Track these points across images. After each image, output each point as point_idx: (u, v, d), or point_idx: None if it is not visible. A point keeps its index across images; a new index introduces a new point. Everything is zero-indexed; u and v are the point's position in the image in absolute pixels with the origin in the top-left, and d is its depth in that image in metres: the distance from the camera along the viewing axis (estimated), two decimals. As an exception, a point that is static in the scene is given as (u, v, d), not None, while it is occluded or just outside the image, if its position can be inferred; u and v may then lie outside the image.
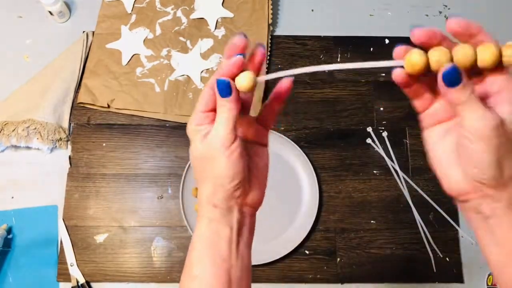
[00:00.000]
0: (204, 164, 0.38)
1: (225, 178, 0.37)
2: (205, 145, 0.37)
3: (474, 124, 0.33)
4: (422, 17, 0.95)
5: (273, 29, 0.94)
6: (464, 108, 0.33)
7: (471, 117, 0.33)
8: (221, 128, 0.37)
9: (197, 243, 0.40)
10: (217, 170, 0.37)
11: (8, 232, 0.80)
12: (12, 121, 0.83)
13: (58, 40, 0.91)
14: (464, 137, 0.33)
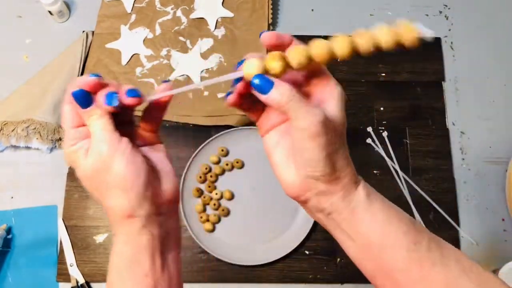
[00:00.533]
0: (100, 178, 0.35)
1: (130, 178, 0.35)
2: (91, 158, 0.35)
3: (300, 123, 0.33)
4: (422, 17, 0.95)
5: (273, 29, 0.93)
6: (289, 109, 0.33)
7: (297, 117, 0.33)
8: (100, 132, 0.35)
9: (116, 262, 0.37)
10: (117, 175, 0.34)
11: (7, 232, 0.80)
12: (12, 121, 0.83)
13: (58, 39, 0.91)
14: (295, 137, 0.34)
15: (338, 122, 0.35)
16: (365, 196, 0.36)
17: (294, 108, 0.33)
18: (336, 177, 0.35)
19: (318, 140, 0.33)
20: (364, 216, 0.35)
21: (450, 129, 0.87)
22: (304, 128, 0.33)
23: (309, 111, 0.33)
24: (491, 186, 0.83)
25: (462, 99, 0.89)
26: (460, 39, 0.93)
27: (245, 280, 0.78)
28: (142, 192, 0.35)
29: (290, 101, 0.33)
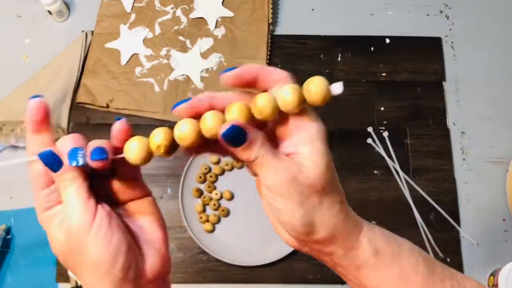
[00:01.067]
0: (73, 257, 0.29)
1: (105, 264, 0.29)
2: (62, 234, 0.29)
3: (271, 182, 0.29)
4: (423, 17, 0.95)
5: (273, 29, 0.93)
6: (257, 165, 0.29)
7: (266, 175, 0.29)
8: (70, 205, 0.29)
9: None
10: (91, 258, 0.29)
11: (7, 232, 0.79)
12: (11, 121, 0.83)
13: (57, 39, 0.91)
14: (265, 196, 0.30)
15: (315, 174, 0.29)
16: (371, 254, 0.31)
17: (263, 165, 0.29)
18: (325, 238, 0.31)
19: (291, 201, 0.29)
20: (372, 274, 0.31)
21: (451, 129, 0.87)
22: (275, 187, 0.29)
23: (278, 169, 0.29)
24: (491, 186, 0.83)
25: (463, 99, 0.89)
26: (461, 39, 0.93)
27: (245, 281, 0.77)
28: (122, 276, 0.29)
29: (259, 156, 0.29)
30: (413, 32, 0.93)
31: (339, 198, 0.31)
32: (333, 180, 0.31)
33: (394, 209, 0.82)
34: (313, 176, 0.29)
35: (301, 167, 0.29)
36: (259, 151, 0.29)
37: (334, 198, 0.31)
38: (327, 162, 0.30)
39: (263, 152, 0.29)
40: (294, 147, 0.30)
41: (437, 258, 0.79)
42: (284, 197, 0.29)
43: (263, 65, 0.31)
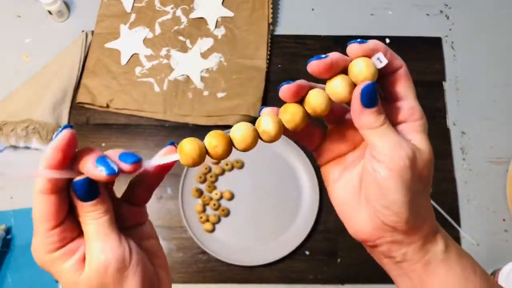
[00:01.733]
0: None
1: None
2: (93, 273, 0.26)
3: (388, 153, 0.28)
4: (423, 17, 0.95)
5: (273, 29, 0.93)
6: (378, 135, 0.29)
7: (385, 145, 0.28)
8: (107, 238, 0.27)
9: None
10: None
11: (7, 232, 0.79)
12: (11, 121, 0.83)
13: (57, 39, 0.91)
14: (374, 171, 0.29)
15: (425, 161, 0.29)
16: (443, 248, 0.31)
17: (384, 135, 0.29)
18: (417, 226, 0.30)
19: (405, 179, 0.28)
20: (439, 270, 0.31)
21: (451, 129, 0.87)
22: (392, 161, 0.28)
23: (399, 144, 0.28)
24: (492, 186, 0.83)
25: (463, 99, 0.89)
26: (461, 39, 0.93)
27: (245, 281, 0.77)
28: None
29: (382, 125, 0.29)
30: (413, 32, 0.93)
31: (430, 192, 0.31)
32: (431, 174, 0.31)
33: (394, 209, 0.82)
34: (427, 161, 0.29)
35: (418, 149, 0.29)
36: (384, 119, 0.29)
37: (429, 190, 0.31)
38: (432, 154, 0.30)
39: (387, 122, 0.29)
40: (407, 133, 0.30)
41: (437, 258, 0.79)
42: (397, 173, 0.28)
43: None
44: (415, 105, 0.31)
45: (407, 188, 0.28)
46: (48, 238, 0.26)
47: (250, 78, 0.88)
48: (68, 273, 0.27)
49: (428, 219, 0.31)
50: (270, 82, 0.88)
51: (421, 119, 0.31)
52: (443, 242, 0.31)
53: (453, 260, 0.31)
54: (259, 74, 0.88)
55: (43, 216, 0.26)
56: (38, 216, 0.26)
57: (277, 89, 0.32)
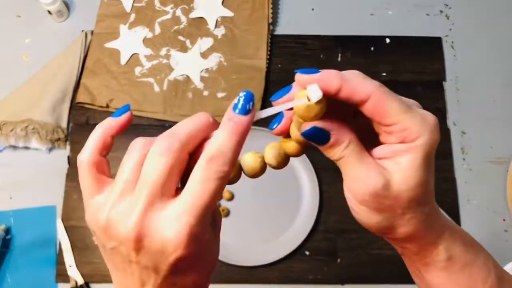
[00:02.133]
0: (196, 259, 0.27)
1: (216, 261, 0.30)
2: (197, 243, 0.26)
3: (351, 186, 0.28)
4: (423, 17, 0.95)
5: (273, 28, 0.93)
6: (340, 165, 0.28)
7: (347, 178, 0.28)
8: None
9: None
10: (211, 256, 0.29)
11: (6, 232, 0.79)
12: (11, 121, 0.83)
13: (57, 39, 0.91)
14: (346, 195, 0.29)
15: (401, 190, 0.27)
16: (444, 259, 0.30)
17: (345, 167, 0.28)
18: (400, 239, 0.30)
19: (370, 207, 0.28)
20: (438, 274, 0.31)
21: (451, 129, 0.86)
22: (353, 192, 0.28)
23: (359, 176, 0.27)
24: (492, 186, 0.83)
25: (463, 99, 0.89)
26: (461, 39, 0.93)
27: (245, 281, 0.77)
28: None
29: (343, 157, 0.28)
30: (413, 32, 0.93)
31: (426, 210, 0.29)
32: (425, 195, 0.28)
33: (394, 209, 0.82)
34: (398, 190, 0.27)
35: (389, 180, 0.27)
36: (342, 152, 0.28)
37: (421, 209, 0.28)
38: (420, 179, 0.27)
39: (348, 153, 0.28)
40: (392, 153, 0.27)
41: (437, 258, 0.79)
42: (362, 205, 0.28)
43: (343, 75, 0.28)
44: (407, 126, 0.27)
45: (371, 214, 0.28)
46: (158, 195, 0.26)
47: (250, 78, 0.88)
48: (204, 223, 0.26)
49: (416, 235, 0.29)
50: (270, 82, 0.88)
51: (417, 137, 0.27)
52: (445, 253, 0.30)
53: (456, 269, 0.30)
54: (259, 74, 0.88)
55: (162, 174, 0.25)
56: (153, 177, 0.25)
57: (277, 89, 0.32)
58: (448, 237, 0.31)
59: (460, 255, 0.31)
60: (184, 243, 0.25)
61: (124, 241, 0.25)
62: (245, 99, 0.27)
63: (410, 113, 0.27)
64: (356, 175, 0.27)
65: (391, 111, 0.27)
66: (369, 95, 0.27)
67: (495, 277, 0.31)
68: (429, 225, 0.29)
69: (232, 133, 0.26)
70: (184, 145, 0.26)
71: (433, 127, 0.27)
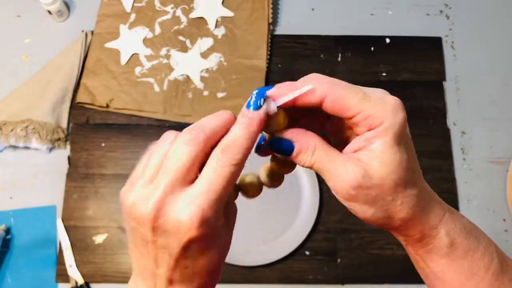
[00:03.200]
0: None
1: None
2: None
3: (334, 188, 0.28)
4: (423, 17, 0.95)
5: (273, 29, 0.93)
6: (318, 171, 0.29)
7: (328, 181, 0.29)
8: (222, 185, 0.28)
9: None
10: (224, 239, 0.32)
11: (6, 232, 0.79)
12: (11, 121, 0.83)
13: (57, 39, 0.91)
14: (337, 197, 0.30)
15: (382, 174, 0.27)
16: (446, 245, 0.31)
17: (321, 171, 0.29)
18: (398, 227, 0.30)
19: (357, 202, 0.29)
20: (441, 261, 0.31)
21: (451, 129, 0.86)
22: (337, 193, 0.29)
23: (337, 174, 0.28)
24: (492, 186, 0.83)
25: (463, 98, 0.89)
26: (461, 39, 0.93)
27: (245, 281, 0.77)
28: None
29: (315, 163, 0.28)
30: (413, 32, 0.93)
31: (415, 191, 0.29)
32: (409, 176, 0.28)
33: (394, 209, 0.82)
34: (380, 177, 0.27)
35: (367, 169, 0.27)
36: (311, 158, 0.28)
37: (410, 192, 0.29)
38: (398, 160, 0.27)
39: (318, 158, 0.28)
40: (365, 142, 0.28)
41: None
42: (351, 201, 0.28)
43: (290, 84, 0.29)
44: (368, 113, 0.27)
45: (364, 207, 0.29)
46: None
47: (250, 78, 0.88)
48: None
49: (414, 218, 0.30)
50: (270, 82, 0.88)
51: (381, 122, 0.27)
52: (447, 239, 0.31)
53: (459, 255, 0.31)
54: (259, 74, 0.88)
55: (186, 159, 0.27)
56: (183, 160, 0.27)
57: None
58: (449, 221, 0.31)
59: (462, 240, 0.31)
60: (196, 225, 0.26)
61: (142, 222, 0.27)
62: (257, 96, 0.28)
63: (368, 100, 0.27)
64: (334, 174, 0.28)
65: (349, 103, 0.27)
66: (324, 95, 0.28)
67: (497, 263, 0.32)
68: (424, 208, 0.30)
69: (246, 127, 0.28)
70: (207, 138, 0.27)
71: (394, 107, 0.27)
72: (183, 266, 0.28)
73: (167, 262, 0.28)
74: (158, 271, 0.29)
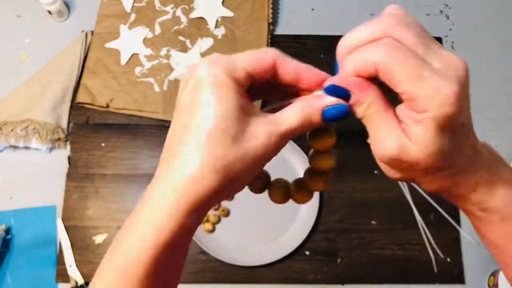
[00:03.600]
0: None
1: None
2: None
3: (372, 144, 0.28)
4: (423, 17, 0.95)
5: (273, 29, 0.93)
6: (364, 123, 0.28)
7: (370, 134, 0.28)
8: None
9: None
10: None
11: (6, 232, 0.79)
12: (11, 121, 0.83)
13: (57, 39, 0.91)
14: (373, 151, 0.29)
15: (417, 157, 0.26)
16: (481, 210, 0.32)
17: (368, 125, 0.28)
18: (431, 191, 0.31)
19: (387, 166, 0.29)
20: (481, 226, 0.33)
21: (451, 129, 0.86)
22: (376, 155, 0.28)
23: (380, 137, 0.27)
24: (492, 186, 0.83)
25: (463, 99, 0.88)
26: (461, 39, 0.93)
27: (244, 281, 0.77)
28: None
29: (364, 117, 0.28)
30: (413, 32, 0.93)
31: (449, 173, 0.29)
32: (443, 162, 0.28)
33: (394, 209, 0.82)
34: (415, 157, 0.26)
35: (406, 147, 0.26)
36: (365, 111, 0.27)
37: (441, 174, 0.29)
38: (435, 150, 0.26)
39: (370, 113, 0.27)
40: (408, 118, 0.26)
41: (437, 258, 0.79)
42: (383, 162, 0.29)
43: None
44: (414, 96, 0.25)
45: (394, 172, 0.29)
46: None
47: (250, 78, 0.88)
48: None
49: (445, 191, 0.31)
50: (270, 82, 0.88)
51: (425, 110, 0.25)
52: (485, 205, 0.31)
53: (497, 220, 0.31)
54: (259, 74, 0.88)
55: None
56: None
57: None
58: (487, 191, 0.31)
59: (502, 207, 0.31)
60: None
61: None
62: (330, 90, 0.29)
63: (419, 82, 0.25)
64: (377, 135, 0.27)
65: (400, 78, 0.26)
66: (376, 66, 0.27)
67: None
68: (458, 182, 0.30)
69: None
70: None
71: (445, 100, 0.25)
72: None
73: None
74: None
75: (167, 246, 0.27)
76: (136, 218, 0.27)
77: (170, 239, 0.26)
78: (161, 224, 0.26)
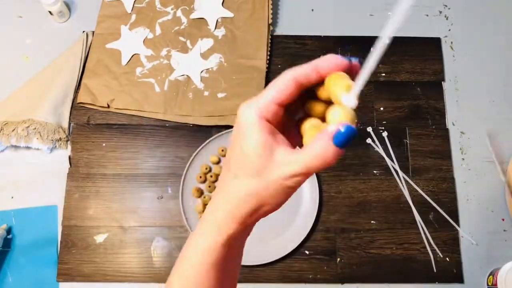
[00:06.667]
0: None
1: None
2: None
3: None
4: (422, 17, 0.95)
5: (273, 29, 0.93)
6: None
7: None
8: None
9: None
10: None
11: (8, 232, 0.80)
12: (12, 121, 0.83)
13: (58, 40, 0.91)
14: None
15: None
16: None
17: None
18: None
19: None
20: None
21: (450, 129, 0.87)
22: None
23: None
24: (491, 186, 0.83)
25: (462, 99, 0.89)
26: (460, 39, 0.93)
27: (244, 280, 0.78)
28: None
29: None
30: (412, 32, 0.93)
31: None
32: None
33: (394, 209, 0.82)
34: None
35: None
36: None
37: None
38: None
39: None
40: None
41: (437, 257, 0.79)
42: None
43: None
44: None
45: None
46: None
47: (250, 78, 0.88)
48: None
49: None
50: (270, 82, 0.89)
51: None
52: None
53: None
54: (259, 74, 0.88)
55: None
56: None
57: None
58: None
59: None
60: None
61: None
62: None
63: None
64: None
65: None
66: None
67: None
68: None
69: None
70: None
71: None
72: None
73: None
74: None
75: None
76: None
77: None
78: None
